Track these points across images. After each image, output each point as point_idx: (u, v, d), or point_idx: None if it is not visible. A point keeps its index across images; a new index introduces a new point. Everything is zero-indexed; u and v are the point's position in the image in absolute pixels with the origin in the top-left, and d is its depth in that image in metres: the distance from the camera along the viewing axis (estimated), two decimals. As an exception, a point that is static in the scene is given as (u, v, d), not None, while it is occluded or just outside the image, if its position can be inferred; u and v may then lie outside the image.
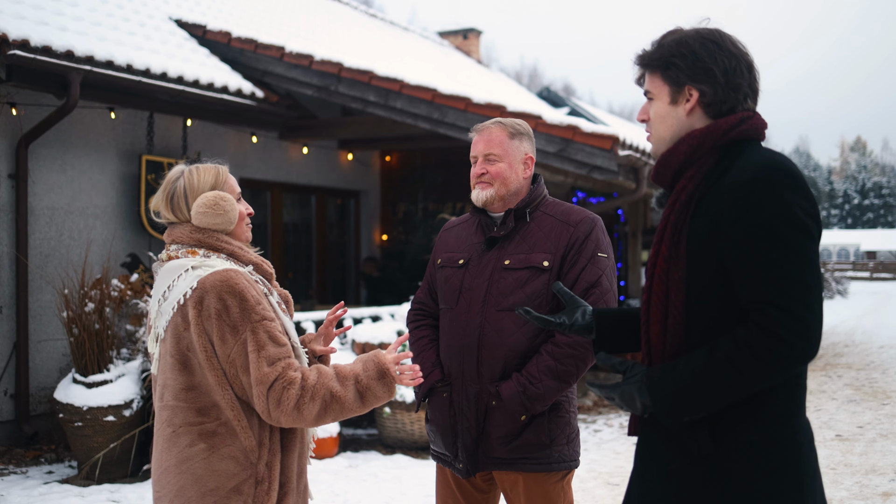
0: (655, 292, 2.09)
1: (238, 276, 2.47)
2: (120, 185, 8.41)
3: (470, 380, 3.09)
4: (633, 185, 8.99)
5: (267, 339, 2.43)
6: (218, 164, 2.71)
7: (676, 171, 2.15)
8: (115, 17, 8.57)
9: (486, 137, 3.21)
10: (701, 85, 2.14)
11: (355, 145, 11.65)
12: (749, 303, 1.96)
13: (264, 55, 9.29)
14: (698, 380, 1.97)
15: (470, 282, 3.15)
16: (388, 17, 20.10)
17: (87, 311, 6.47)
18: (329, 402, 2.46)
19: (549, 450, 3.06)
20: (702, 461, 2.04)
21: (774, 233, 1.94)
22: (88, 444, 6.38)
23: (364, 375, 2.54)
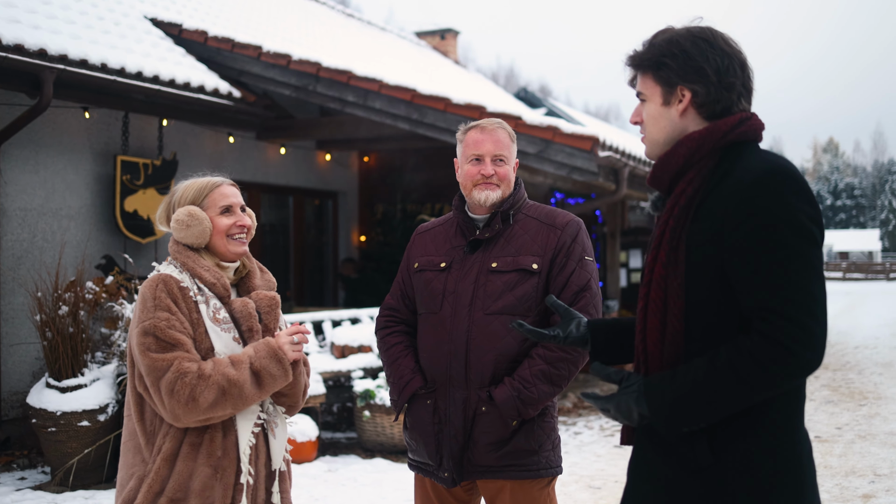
0: (653, 299, 2.03)
1: (157, 280, 2.64)
2: (94, 186, 8.29)
3: (456, 385, 3.02)
4: (613, 186, 8.98)
5: (152, 339, 2.54)
6: (211, 178, 2.84)
7: (675, 174, 2.09)
8: (88, 15, 8.43)
9: (496, 137, 3.13)
10: (693, 85, 2.08)
11: (333, 146, 11.57)
12: (751, 311, 1.91)
13: (241, 55, 9.19)
14: (698, 389, 1.92)
15: (454, 285, 3.08)
16: (365, 17, 20.01)
17: (60, 314, 6.36)
18: (227, 387, 2.53)
19: (536, 456, 3.02)
20: (700, 473, 1.99)
21: (778, 239, 1.89)
22: (62, 450, 6.26)
23: (256, 356, 2.62)
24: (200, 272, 2.71)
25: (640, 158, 9.47)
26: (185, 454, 2.59)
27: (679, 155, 2.07)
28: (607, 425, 8.72)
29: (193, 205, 2.76)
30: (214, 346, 2.65)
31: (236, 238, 2.78)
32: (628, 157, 8.98)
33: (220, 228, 2.75)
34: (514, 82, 59.49)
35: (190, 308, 2.64)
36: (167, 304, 2.60)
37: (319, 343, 8.27)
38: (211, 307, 2.69)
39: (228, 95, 8.85)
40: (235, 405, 2.57)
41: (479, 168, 3.11)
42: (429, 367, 3.10)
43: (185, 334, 2.59)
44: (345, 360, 7.74)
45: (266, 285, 2.91)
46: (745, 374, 1.87)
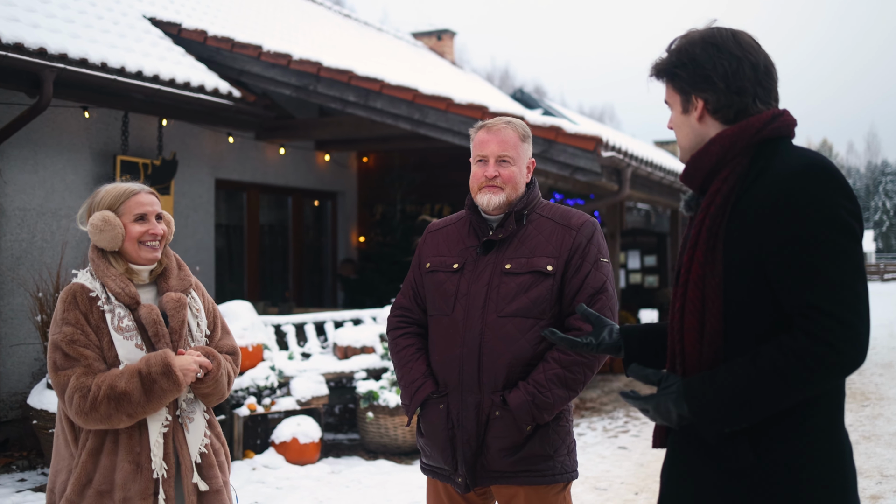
0: (691, 299, 1.99)
1: (69, 291, 2.83)
2: (94, 186, 8.20)
3: (469, 389, 2.94)
4: (616, 186, 8.95)
5: (58, 353, 2.74)
6: (129, 185, 2.95)
7: (708, 172, 2.06)
8: (87, 14, 8.38)
9: (501, 138, 3.03)
10: (703, 93, 2.08)
11: (332, 146, 11.53)
12: (794, 309, 1.87)
13: (241, 54, 9.15)
14: (741, 389, 1.88)
15: (467, 287, 3.00)
16: (361, 18, 19.96)
17: (61, 315, 6.29)
18: (116, 399, 2.68)
19: (551, 461, 2.95)
20: (744, 475, 1.95)
21: (820, 236, 1.85)
22: (63, 452, 6.20)
23: (147, 370, 2.74)
24: (108, 282, 2.85)
25: (642, 159, 9.44)
26: (108, 450, 2.78)
27: (712, 153, 2.04)
28: (610, 427, 8.68)
29: (110, 210, 2.88)
30: (119, 353, 2.80)
31: (148, 245, 2.90)
32: (631, 158, 8.95)
33: (132, 235, 2.88)
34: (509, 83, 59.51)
35: (98, 318, 2.81)
36: (74, 317, 2.78)
37: (322, 344, 8.22)
38: (116, 316, 2.83)
39: (228, 95, 8.80)
40: (130, 414, 2.71)
41: (484, 169, 3.04)
42: (441, 370, 3.02)
43: (89, 347, 2.77)
44: (347, 361, 7.69)
45: (180, 284, 3.01)
46: (789, 373, 1.84)
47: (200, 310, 3.04)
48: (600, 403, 9.98)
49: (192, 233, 9.48)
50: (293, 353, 7.69)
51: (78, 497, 2.73)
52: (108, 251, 2.89)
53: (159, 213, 2.97)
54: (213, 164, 9.88)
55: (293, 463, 6.82)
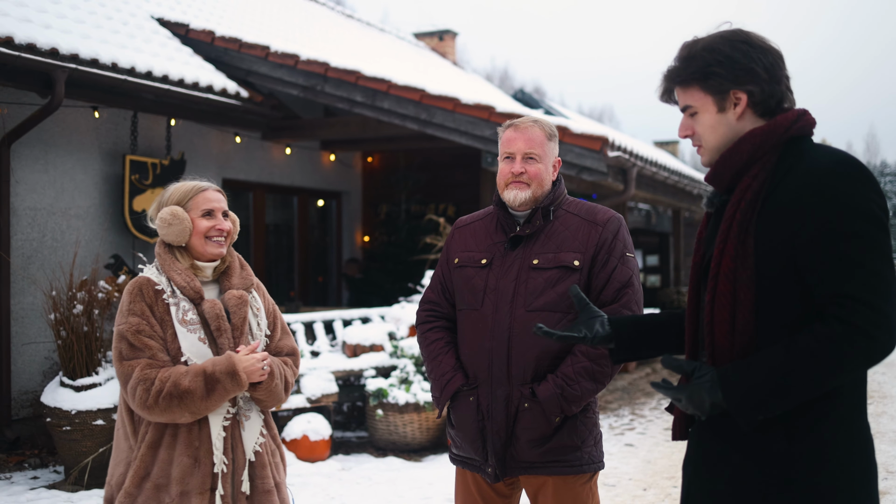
0: (722, 292, 2.05)
1: (135, 284, 2.88)
2: (103, 186, 8.28)
3: (498, 382, 3.00)
4: (621, 186, 9.00)
5: (124, 342, 2.79)
6: (198, 182, 3.04)
7: (737, 170, 2.12)
8: (97, 14, 8.43)
9: (528, 136, 3.10)
10: (747, 86, 2.12)
11: (337, 146, 11.58)
12: (828, 297, 1.94)
13: (248, 55, 9.20)
14: (776, 377, 1.94)
15: (495, 282, 3.06)
16: (363, 18, 20.01)
17: (75, 313, 6.35)
18: (179, 396, 2.72)
19: (579, 451, 3.00)
20: (776, 461, 2.01)
21: (852, 228, 1.93)
22: (76, 449, 6.26)
23: (212, 369, 2.79)
24: (174, 276, 2.91)
25: (647, 158, 9.50)
26: (166, 443, 2.81)
27: (743, 151, 2.10)
28: (616, 424, 8.74)
29: (178, 205, 2.96)
30: (181, 345, 2.86)
31: (214, 240, 2.97)
32: (636, 158, 9.01)
33: (199, 230, 2.95)
34: (509, 84, 59.52)
35: (163, 310, 2.87)
36: (140, 309, 2.83)
37: (331, 342, 8.28)
38: (180, 309, 2.89)
39: (236, 95, 8.85)
40: (192, 411, 2.76)
41: (511, 166, 3.11)
42: (470, 363, 3.08)
43: (154, 338, 2.82)
44: (356, 359, 7.74)
45: (242, 282, 3.07)
46: (825, 359, 1.90)
47: (261, 309, 3.08)
48: (605, 401, 10.04)
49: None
50: (303, 351, 7.74)
51: (136, 490, 2.76)
52: (175, 246, 2.95)
53: (225, 210, 3.04)
54: (219, 163, 9.93)
55: (303, 460, 6.87)
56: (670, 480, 6.45)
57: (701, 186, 13.17)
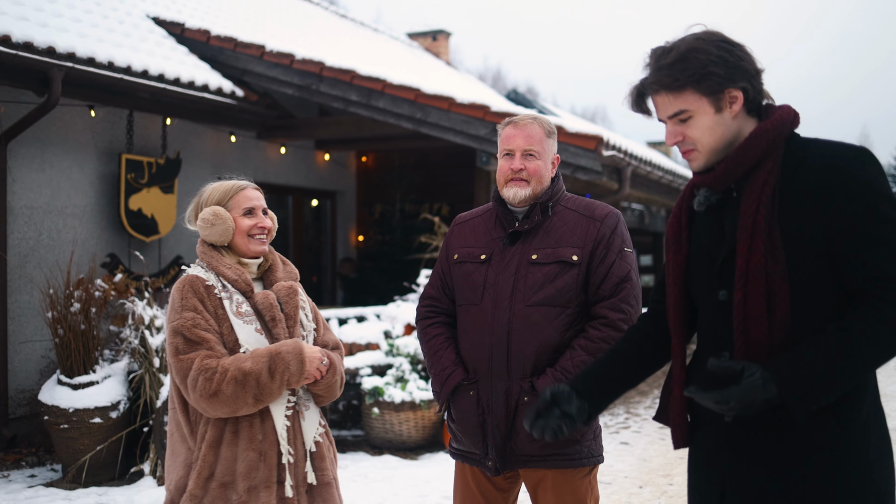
0: (755, 288, 2.07)
1: (184, 281, 2.87)
2: (99, 185, 8.29)
3: (498, 376, 3.03)
4: (616, 185, 9.05)
5: (179, 338, 2.76)
6: (237, 181, 3.07)
7: (749, 167, 2.14)
8: (93, 13, 8.44)
9: (527, 132, 3.13)
10: (741, 83, 2.13)
11: (332, 145, 11.60)
12: (868, 281, 2.00)
13: (244, 54, 9.22)
14: (834, 364, 1.98)
15: (494, 277, 3.09)
16: (357, 18, 20.03)
17: (72, 311, 6.36)
18: (243, 379, 2.70)
19: (578, 445, 3.04)
20: (820, 450, 2.05)
21: (883, 213, 2.01)
22: (74, 447, 6.27)
23: (276, 349, 2.79)
24: (223, 270, 2.92)
25: (641, 158, 9.54)
26: (227, 440, 2.78)
27: (757, 147, 2.12)
28: (611, 423, 8.78)
29: (219, 205, 2.98)
30: (238, 337, 2.85)
31: (256, 238, 2.99)
32: (631, 157, 9.05)
33: (241, 228, 2.96)
34: (501, 84, 59.55)
35: (215, 305, 2.86)
36: (193, 304, 2.82)
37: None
38: (234, 302, 2.90)
39: (232, 94, 8.87)
40: (256, 396, 2.73)
41: (510, 163, 3.13)
42: (470, 358, 3.11)
43: (209, 332, 2.80)
44: (352, 357, 7.77)
45: (288, 276, 3.08)
46: (879, 341, 1.98)
47: (306, 302, 3.08)
48: (599, 400, 10.09)
49: (195, 231, 9.52)
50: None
51: (201, 491, 2.74)
52: (218, 246, 2.96)
53: (265, 207, 3.05)
54: (215, 162, 9.94)
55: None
56: (666, 478, 6.49)
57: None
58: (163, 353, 6.47)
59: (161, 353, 6.47)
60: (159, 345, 6.48)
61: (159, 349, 6.48)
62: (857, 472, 2.05)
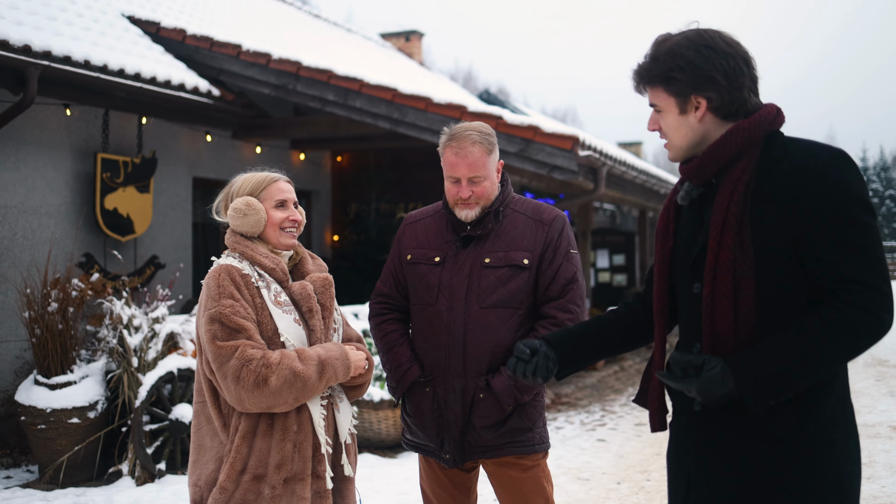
0: (722, 282, 2.12)
1: (219, 270, 2.78)
2: (74, 184, 8.23)
3: (455, 374, 3.18)
4: (592, 185, 9.12)
5: (218, 325, 2.67)
6: (269, 173, 2.99)
7: (724, 164, 2.19)
8: (68, 12, 8.39)
9: (469, 161, 3.17)
10: (706, 93, 2.19)
11: (307, 145, 11.59)
12: (834, 282, 2.04)
13: (220, 53, 9.19)
14: (791, 362, 2.03)
15: (448, 279, 3.21)
16: (330, 18, 20.00)
17: (50, 311, 6.32)
18: (292, 379, 2.64)
19: (531, 432, 3.22)
20: (781, 442, 2.10)
21: (853, 216, 2.04)
22: (51, 447, 6.24)
23: (327, 355, 2.75)
24: (259, 259, 2.85)
25: (616, 158, 9.63)
26: (262, 432, 2.72)
27: (731, 145, 2.18)
28: (587, 420, 8.85)
29: (251, 196, 2.90)
30: (278, 326, 2.77)
31: (288, 230, 2.93)
32: (606, 157, 9.13)
33: (273, 221, 2.90)
34: (473, 84, 59.70)
35: (253, 294, 2.77)
36: (231, 292, 2.72)
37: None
38: (272, 291, 2.83)
39: (208, 94, 8.85)
40: (297, 396, 2.68)
41: (458, 189, 3.20)
42: (426, 356, 3.25)
43: (248, 320, 2.71)
44: (330, 356, 7.77)
45: (318, 269, 3.04)
46: (839, 342, 2.01)
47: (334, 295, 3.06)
48: (576, 398, 10.16)
49: (171, 231, 9.51)
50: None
51: (233, 484, 2.67)
52: (248, 237, 2.90)
53: (296, 200, 3.01)
54: (190, 162, 9.91)
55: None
56: (643, 474, 6.56)
57: (667, 185, 13.35)
58: (141, 353, 6.45)
59: (139, 352, 6.45)
60: (137, 344, 6.46)
61: (137, 349, 6.45)
62: (818, 466, 2.08)
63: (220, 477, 2.68)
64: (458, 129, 3.24)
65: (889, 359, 13.65)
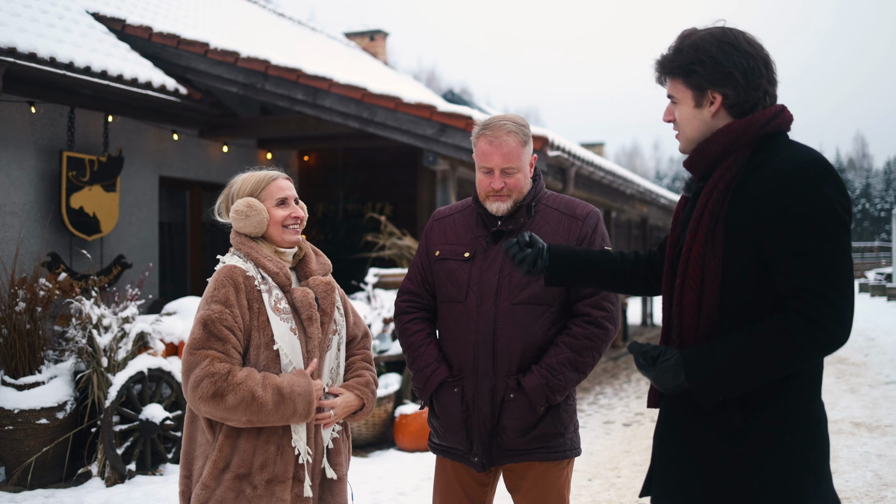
0: (691, 276, 2.18)
1: (223, 271, 2.79)
2: (39, 183, 8.12)
3: (484, 374, 3.06)
4: (560, 185, 9.18)
5: (201, 329, 2.68)
6: (268, 171, 2.99)
7: (712, 161, 2.25)
8: (32, 8, 8.27)
9: (504, 151, 3.09)
10: (723, 89, 2.24)
11: (274, 144, 11.54)
12: (788, 290, 2.08)
13: (187, 51, 9.12)
14: (737, 362, 2.09)
15: (479, 275, 3.11)
16: (294, 17, 19.91)
17: (17, 310, 6.24)
18: (249, 401, 2.64)
19: (562, 438, 3.11)
20: (731, 437, 2.16)
21: (816, 226, 2.06)
22: (19, 449, 6.15)
23: (289, 389, 2.70)
24: (263, 262, 2.86)
25: (584, 158, 9.70)
26: (246, 433, 2.74)
27: (718, 143, 2.23)
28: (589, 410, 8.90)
29: (251, 196, 2.90)
30: (274, 333, 2.78)
31: (291, 228, 2.93)
32: (575, 157, 9.20)
33: (276, 219, 2.90)
34: (436, 84, 59.75)
35: (252, 297, 2.78)
36: (224, 296, 2.74)
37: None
38: (273, 297, 2.83)
39: (175, 92, 8.77)
40: (251, 419, 2.67)
41: (490, 180, 3.11)
42: (455, 355, 3.14)
43: (234, 329, 2.72)
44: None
45: (322, 269, 3.04)
46: (782, 349, 2.05)
47: (338, 295, 3.05)
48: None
49: (137, 230, 9.42)
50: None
51: (214, 482, 2.70)
52: (252, 237, 2.90)
53: (296, 196, 3.00)
54: (157, 161, 9.82)
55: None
56: (613, 471, 6.63)
57: (633, 186, 13.48)
58: (111, 353, 6.38)
59: (109, 352, 6.38)
60: (107, 344, 6.39)
61: (107, 349, 6.39)
62: (772, 465, 2.12)
63: (203, 474, 2.71)
64: (492, 118, 3.16)
65: (849, 356, 13.90)
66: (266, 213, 2.87)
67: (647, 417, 8.99)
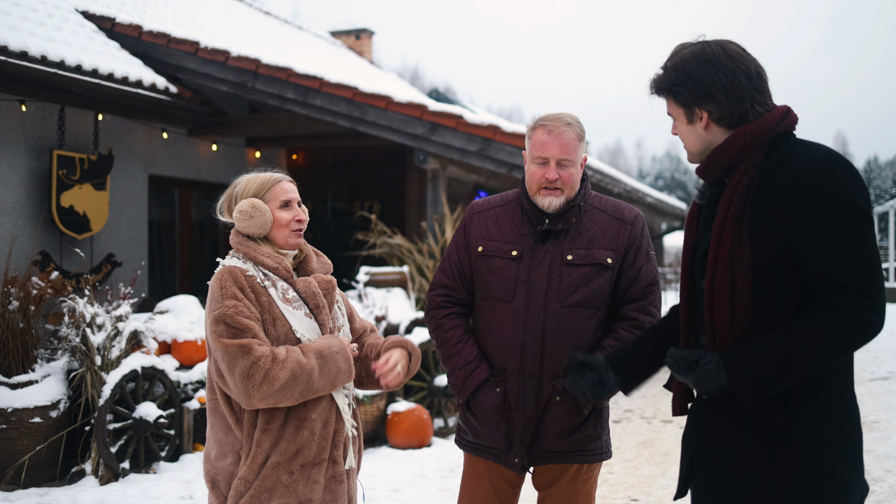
0: (720, 281, 2.23)
1: (223, 272, 2.81)
2: (29, 181, 8.10)
3: (530, 375, 3.03)
4: (549, 183, 9.22)
5: (224, 326, 2.68)
6: (272, 174, 3.01)
7: (727, 166, 2.30)
8: (21, 6, 8.26)
9: (562, 141, 3.04)
10: (706, 106, 2.32)
11: (263, 143, 11.54)
12: (823, 285, 2.14)
13: (178, 50, 9.13)
14: (778, 360, 2.14)
15: (527, 275, 3.06)
16: (280, 15, 19.89)
17: (10, 309, 6.24)
18: (298, 371, 2.67)
19: (600, 441, 3.12)
20: (777, 434, 2.20)
21: (843, 221, 2.13)
22: (12, 447, 6.15)
23: (328, 349, 2.77)
24: (261, 259, 2.87)
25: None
26: (279, 425, 2.75)
27: (732, 149, 2.29)
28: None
29: (256, 197, 2.92)
30: (291, 324, 2.80)
31: (294, 230, 2.94)
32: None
33: (280, 221, 2.91)
34: (420, 83, 59.74)
35: (259, 293, 2.79)
36: (233, 293, 2.75)
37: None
38: (279, 289, 2.85)
39: (165, 91, 8.78)
40: (303, 391, 2.70)
41: (545, 171, 3.05)
42: (498, 354, 3.09)
43: (252, 319, 2.73)
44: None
45: (322, 268, 3.05)
46: (822, 343, 2.11)
47: (339, 295, 3.06)
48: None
49: (126, 229, 9.41)
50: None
51: (254, 475, 2.71)
52: (253, 238, 2.92)
53: (299, 199, 3.02)
54: (146, 159, 9.81)
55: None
56: (605, 467, 6.68)
57: (620, 185, 13.55)
58: (104, 351, 6.39)
59: (102, 350, 6.39)
60: (100, 343, 6.40)
61: (101, 347, 6.40)
62: (811, 459, 2.18)
63: (242, 470, 2.72)
64: (549, 113, 3.12)
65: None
66: (270, 215, 2.89)
67: (635, 415, 9.07)
